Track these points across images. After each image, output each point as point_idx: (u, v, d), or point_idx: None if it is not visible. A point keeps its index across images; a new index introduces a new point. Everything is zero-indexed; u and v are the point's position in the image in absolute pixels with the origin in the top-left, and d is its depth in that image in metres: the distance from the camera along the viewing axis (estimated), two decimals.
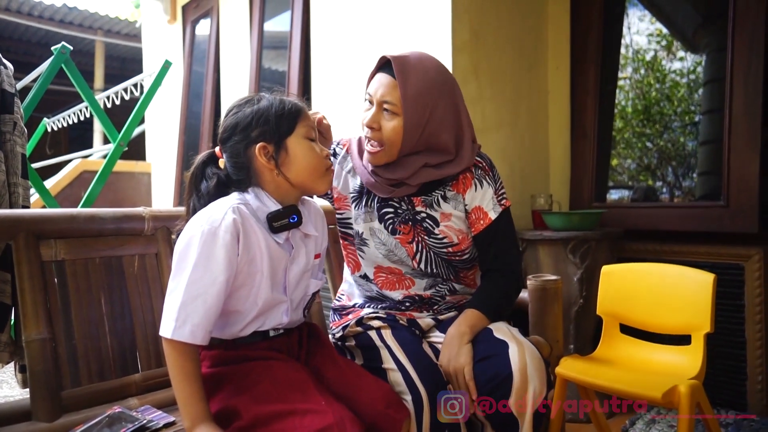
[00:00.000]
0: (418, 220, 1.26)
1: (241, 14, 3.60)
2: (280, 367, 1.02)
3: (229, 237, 0.96)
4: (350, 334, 1.29)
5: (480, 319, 1.22)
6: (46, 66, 2.06)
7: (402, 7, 2.27)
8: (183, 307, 0.94)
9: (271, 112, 1.04)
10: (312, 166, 1.06)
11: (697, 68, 2.47)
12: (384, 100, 1.19)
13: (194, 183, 1.07)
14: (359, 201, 1.30)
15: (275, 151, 1.03)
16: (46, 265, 1.15)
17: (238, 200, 1.02)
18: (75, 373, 1.15)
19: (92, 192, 2.08)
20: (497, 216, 1.26)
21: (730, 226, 2.08)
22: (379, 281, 1.31)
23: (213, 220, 0.96)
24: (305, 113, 1.08)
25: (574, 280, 2.05)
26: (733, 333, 2.04)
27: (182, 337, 0.93)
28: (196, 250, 0.95)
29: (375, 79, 1.24)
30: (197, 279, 0.94)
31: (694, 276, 1.49)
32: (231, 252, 0.96)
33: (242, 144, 1.04)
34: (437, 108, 1.21)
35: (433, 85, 1.20)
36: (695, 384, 1.30)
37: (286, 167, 1.04)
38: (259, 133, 1.03)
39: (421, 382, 1.09)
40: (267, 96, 1.07)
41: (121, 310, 1.24)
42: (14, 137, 1.35)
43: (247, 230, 0.99)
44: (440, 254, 1.27)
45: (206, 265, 0.95)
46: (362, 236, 1.28)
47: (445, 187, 1.26)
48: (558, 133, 2.59)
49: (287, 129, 1.04)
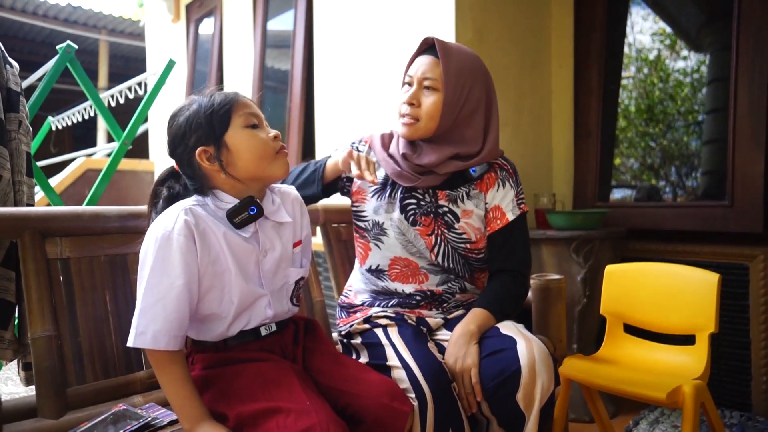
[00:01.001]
0: (440, 213, 1.29)
1: (244, 13, 3.61)
2: (266, 367, 1.01)
3: (183, 239, 0.95)
4: (356, 331, 1.29)
5: (488, 319, 1.22)
6: (51, 65, 2.07)
7: (405, 6, 2.27)
8: (143, 314, 0.93)
9: (201, 114, 1.01)
10: (258, 155, 1.02)
11: (700, 67, 2.46)
12: (425, 77, 1.25)
13: (151, 201, 1.06)
14: (382, 192, 1.34)
15: (216, 151, 1.01)
16: (51, 262, 1.15)
17: (194, 202, 1.01)
18: (80, 370, 1.15)
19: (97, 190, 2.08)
20: (514, 218, 1.30)
21: (735, 226, 2.08)
22: (393, 273, 1.32)
23: (166, 225, 0.96)
24: (238, 103, 1.04)
25: (577, 280, 2.05)
26: (738, 333, 2.04)
27: (144, 344, 0.92)
28: (152, 256, 0.94)
29: (416, 61, 1.29)
30: (154, 285, 0.93)
31: (698, 276, 1.48)
32: (188, 254, 0.95)
33: (185, 154, 1.02)
34: (474, 90, 1.27)
35: (471, 68, 1.27)
36: (700, 384, 1.30)
37: (232, 165, 1.01)
38: (196, 139, 1.01)
39: (425, 381, 1.09)
40: (197, 98, 1.05)
41: (125, 308, 1.24)
42: (19, 136, 1.35)
43: (203, 231, 0.98)
44: (458, 249, 1.29)
45: (163, 270, 0.94)
46: (382, 226, 1.31)
47: (470, 185, 1.31)
48: (561, 132, 2.58)
49: (221, 125, 1.01)
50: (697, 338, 1.45)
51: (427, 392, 1.08)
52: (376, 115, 2.42)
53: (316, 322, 1.21)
